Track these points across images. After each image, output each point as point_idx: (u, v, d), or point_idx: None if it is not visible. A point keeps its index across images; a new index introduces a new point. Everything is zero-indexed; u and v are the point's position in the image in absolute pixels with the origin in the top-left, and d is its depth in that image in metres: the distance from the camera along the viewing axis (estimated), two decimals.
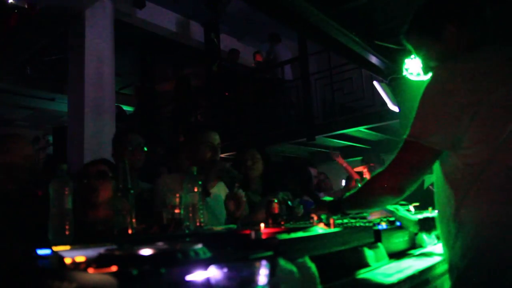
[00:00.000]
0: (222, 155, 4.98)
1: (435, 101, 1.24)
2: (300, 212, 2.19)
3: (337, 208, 1.54)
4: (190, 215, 1.58)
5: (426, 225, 1.86)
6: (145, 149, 2.51)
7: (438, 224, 1.36)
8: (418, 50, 1.46)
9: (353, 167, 4.93)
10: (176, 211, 1.63)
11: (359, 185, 1.48)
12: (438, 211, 1.36)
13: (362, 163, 4.52)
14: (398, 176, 1.29)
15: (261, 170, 2.77)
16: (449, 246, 1.27)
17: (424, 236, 1.86)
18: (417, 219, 1.78)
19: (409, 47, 1.49)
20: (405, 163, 1.28)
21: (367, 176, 1.78)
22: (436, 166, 1.31)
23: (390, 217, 1.80)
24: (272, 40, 7.36)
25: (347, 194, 1.51)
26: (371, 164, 4.18)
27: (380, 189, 1.34)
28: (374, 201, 1.42)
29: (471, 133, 1.17)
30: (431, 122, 1.23)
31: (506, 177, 1.16)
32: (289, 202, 2.08)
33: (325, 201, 1.82)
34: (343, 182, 6.06)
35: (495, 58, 1.25)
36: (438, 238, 1.97)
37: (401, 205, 1.91)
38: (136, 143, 2.48)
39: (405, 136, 1.27)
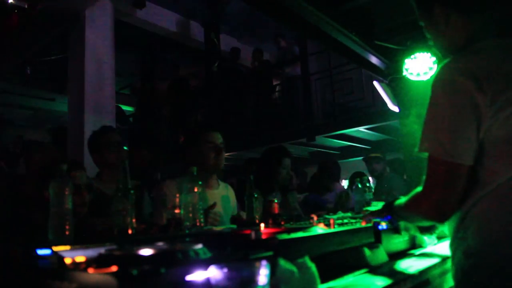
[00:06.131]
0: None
1: (443, 106, 1.13)
2: None
3: (390, 211, 1.51)
4: (190, 215, 1.58)
5: (427, 226, 1.86)
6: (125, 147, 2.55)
7: (446, 226, 1.32)
8: (430, 39, 1.39)
9: (352, 167, 4.90)
10: (176, 211, 1.63)
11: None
12: None
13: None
14: (434, 203, 1.19)
15: None
16: (454, 247, 1.24)
17: (424, 236, 1.86)
18: None
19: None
20: (436, 186, 1.17)
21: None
22: None
23: None
24: (284, 39, 7.37)
25: (400, 200, 1.44)
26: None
27: (421, 213, 1.27)
28: (418, 219, 1.42)
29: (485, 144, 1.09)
30: (447, 133, 1.12)
31: None
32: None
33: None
34: (344, 182, 6.05)
35: (498, 54, 1.17)
36: (438, 238, 1.97)
37: None
38: (115, 142, 2.52)
39: (425, 154, 1.18)
